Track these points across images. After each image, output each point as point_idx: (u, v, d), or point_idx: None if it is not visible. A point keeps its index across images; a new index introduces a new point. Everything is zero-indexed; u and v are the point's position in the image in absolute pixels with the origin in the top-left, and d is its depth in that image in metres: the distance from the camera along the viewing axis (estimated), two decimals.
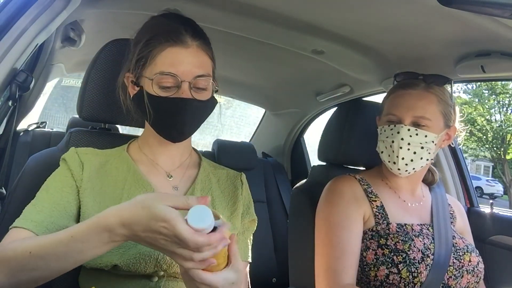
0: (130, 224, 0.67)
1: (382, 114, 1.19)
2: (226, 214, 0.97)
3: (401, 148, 1.08)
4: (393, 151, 1.10)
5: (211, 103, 0.93)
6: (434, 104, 1.11)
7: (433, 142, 1.10)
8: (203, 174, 1.00)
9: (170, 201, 0.67)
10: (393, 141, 1.10)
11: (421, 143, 1.09)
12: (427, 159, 1.11)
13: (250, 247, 1.01)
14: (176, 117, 0.88)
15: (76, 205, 0.86)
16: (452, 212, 1.22)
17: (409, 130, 1.09)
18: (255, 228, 1.04)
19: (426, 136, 1.09)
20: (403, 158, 1.09)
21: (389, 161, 1.12)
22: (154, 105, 0.87)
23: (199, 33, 0.91)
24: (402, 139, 1.08)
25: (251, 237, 1.03)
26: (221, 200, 0.99)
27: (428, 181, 1.26)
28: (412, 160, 1.09)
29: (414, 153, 1.09)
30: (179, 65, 0.85)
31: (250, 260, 1.00)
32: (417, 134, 1.08)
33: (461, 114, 1.21)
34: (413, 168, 1.11)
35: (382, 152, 1.14)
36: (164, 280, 0.87)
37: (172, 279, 0.88)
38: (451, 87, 1.18)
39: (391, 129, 1.11)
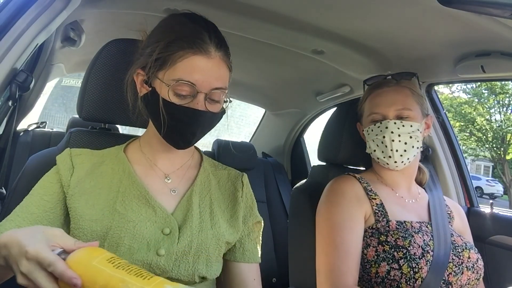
0: (12, 243, 0.63)
1: (363, 117, 1.23)
2: (226, 217, 0.96)
3: (393, 141, 1.13)
4: (386, 146, 1.14)
5: (221, 114, 0.91)
6: (410, 96, 1.17)
7: (418, 130, 1.15)
8: (203, 175, 0.98)
9: (60, 240, 0.64)
10: (384, 136, 1.14)
11: (409, 133, 1.14)
12: (417, 147, 1.16)
13: (259, 248, 1.00)
14: (186, 127, 0.85)
15: (54, 213, 0.84)
16: (449, 212, 1.23)
17: (395, 123, 1.14)
18: (261, 229, 1.03)
19: (411, 126, 1.14)
20: (397, 150, 1.13)
21: (384, 157, 1.15)
22: (168, 110, 0.84)
23: (222, 41, 0.87)
24: (392, 132, 1.13)
25: (260, 238, 1.02)
26: (220, 203, 0.97)
27: (418, 179, 1.28)
28: (405, 151, 1.14)
29: (405, 143, 1.13)
30: (199, 75, 0.82)
31: (259, 261, 1.00)
32: (403, 126, 1.14)
33: (453, 109, 1.28)
34: (408, 158, 1.14)
35: (374, 150, 1.17)
36: None
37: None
38: (418, 80, 1.25)
39: (378, 127, 1.16)
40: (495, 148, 15.41)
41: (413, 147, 1.14)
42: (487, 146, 15.60)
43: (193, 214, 0.89)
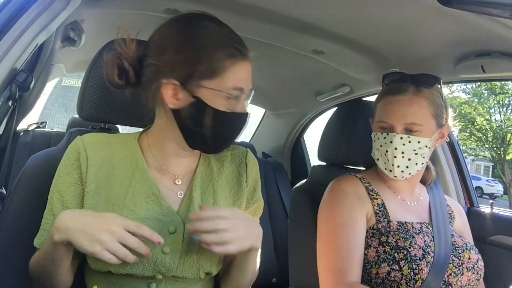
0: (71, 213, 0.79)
1: (374, 118, 1.19)
2: (229, 203, 0.96)
3: (395, 157, 1.09)
4: (388, 160, 1.11)
5: None
6: (424, 107, 1.10)
7: (426, 146, 1.10)
8: (203, 165, 0.97)
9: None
10: (387, 151, 1.10)
11: (414, 150, 1.09)
12: (422, 163, 1.12)
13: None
14: (233, 132, 0.89)
15: (82, 196, 0.88)
16: (450, 212, 1.23)
17: (401, 138, 1.08)
18: (261, 213, 1.04)
19: (419, 142, 1.09)
20: (398, 166, 1.10)
21: (385, 168, 1.13)
22: (218, 119, 0.84)
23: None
24: (395, 148, 1.09)
25: (258, 219, 1.04)
26: (223, 190, 0.96)
27: (425, 179, 1.26)
28: (407, 167, 1.10)
29: (409, 159, 1.10)
30: (248, 81, 0.88)
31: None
32: (409, 142, 1.08)
33: (452, 110, 1.21)
34: (409, 173, 1.12)
35: (378, 159, 1.15)
36: (163, 285, 0.88)
37: (171, 282, 0.89)
38: (441, 86, 1.16)
39: (384, 138, 1.11)
40: (495, 148, 15.40)
41: (416, 164, 1.10)
42: (487, 146, 15.59)
43: (195, 209, 0.90)
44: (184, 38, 0.84)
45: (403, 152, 1.09)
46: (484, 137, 15.23)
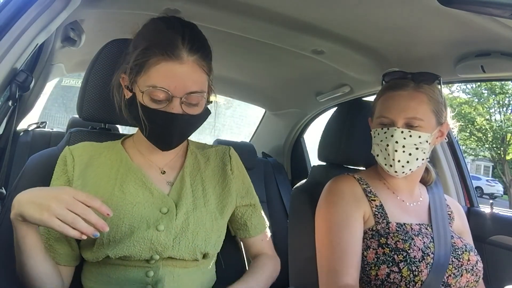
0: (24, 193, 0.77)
1: (373, 116, 1.19)
2: (217, 192, 1.00)
3: (396, 151, 1.08)
4: (388, 154, 1.10)
5: (203, 115, 0.94)
6: (425, 103, 1.10)
7: (427, 141, 1.10)
8: (191, 158, 1.03)
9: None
10: (387, 145, 1.09)
11: (415, 144, 1.09)
12: (423, 159, 1.11)
13: (264, 215, 1.12)
14: (164, 130, 0.89)
15: None
16: (450, 213, 1.22)
17: (402, 132, 1.08)
18: (258, 201, 1.10)
19: (419, 136, 1.09)
20: (399, 161, 1.09)
21: (385, 164, 1.12)
22: (145, 114, 0.88)
23: (198, 45, 0.88)
24: (396, 142, 1.08)
25: (261, 210, 1.10)
26: (211, 180, 1.01)
27: (425, 180, 1.26)
28: (408, 162, 1.09)
29: (410, 154, 1.09)
30: (172, 81, 0.84)
31: (268, 224, 1.13)
32: (410, 136, 1.08)
33: (452, 109, 1.21)
34: (410, 169, 1.11)
35: (377, 155, 1.14)
36: (160, 270, 0.89)
37: (168, 267, 0.90)
38: (440, 84, 1.17)
39: (385, 132, 1.11)
40: (495, 148, 15.40)
41: (417, 159, 1.09)
42: (487, 146, 15.58)
43: (186, 193, 0.94)
44: (134, 39, 0.92)
45: (404, 146, 1.08)
46: (484, 137, 15.23)
